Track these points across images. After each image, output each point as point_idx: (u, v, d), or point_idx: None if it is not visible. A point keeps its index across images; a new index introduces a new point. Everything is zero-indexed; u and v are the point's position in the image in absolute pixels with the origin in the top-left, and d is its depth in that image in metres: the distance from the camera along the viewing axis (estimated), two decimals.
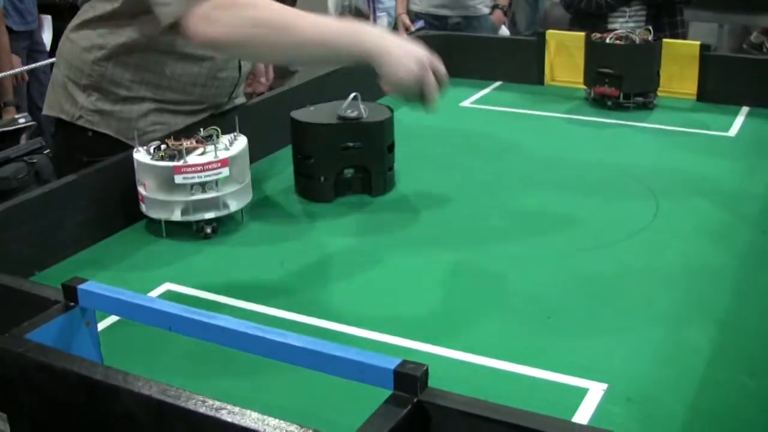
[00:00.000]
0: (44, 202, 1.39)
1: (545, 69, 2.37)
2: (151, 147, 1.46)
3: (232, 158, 1.45)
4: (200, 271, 1.37)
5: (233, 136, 1.50)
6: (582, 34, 2.27)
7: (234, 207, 1.48)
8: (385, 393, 0.77)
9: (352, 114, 1.61)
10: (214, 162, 1.43)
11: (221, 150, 1.45)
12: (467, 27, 4.03)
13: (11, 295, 1.00)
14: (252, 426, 0.71)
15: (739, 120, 2.06)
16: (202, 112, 1.72)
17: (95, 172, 1.48)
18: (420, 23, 4.08)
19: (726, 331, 1.17)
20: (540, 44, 2.37)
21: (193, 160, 1.42)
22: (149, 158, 1.44)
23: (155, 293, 1.30)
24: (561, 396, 1.03)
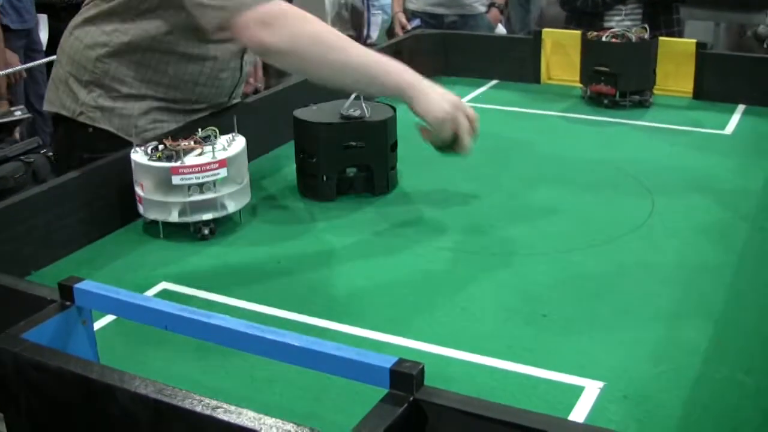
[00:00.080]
0: (41, 202, 1.39)
1: (541, 67, 2.37)
2: (149, 147, 1.45)
3: (230, 159, 1.44)
4: (197, 271, 1.37)
5: (231, 137, 1.49)
6: (578, 33, 2.27)
7: (232, 208, 1.47)
8: (382, 391, 0.77)
9: (355, 113, 1.61)
10: (212, 163, 1.42)
11: (219, 151, 1.44)
12: (463, 25, 4.02)
13: (7, 295, 1.00)
14: (248, 425, 0.71)
15: (736, 118, 2.06)
16: (202, 111, 1.72)
17: (92, 172, 1.48)
18: (416, 22, 4.08)
19: (722, 329, 1.17)
20: (536, 43, 2.37)
21: (191, 161, 1.42)
22: (147, 159, 1.43)
23: (151, 292, 1.30)
24: (557, 394, 1.03)
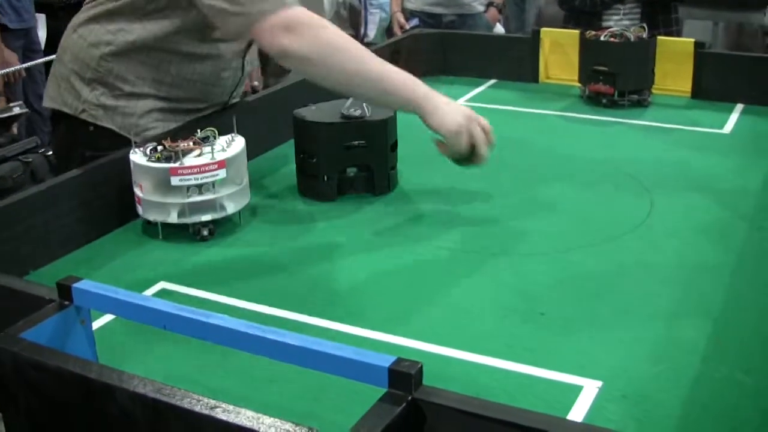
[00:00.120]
0: (39, 202, 1.38)
1: (540, 67, 2.37)
2: (148, 148, 1.45)
3: (230, 160, 1.44)
4: (196, 270, 1.37)
5: (231, 137, 1.49)
6: (576, 32, 2.27)
7: (231, 209, 1.47)
8: (380, 391, 0.77)
9: (356, 113, 1.61)
10: (211, 164, 1.42)
11: (218, 151, 1.44)
12: (462, 25, 4.02)
13: (6, 294, 1.00)
14: (247, 424, 0.71)
15: (734, 117, 2.06)
16: (203, 111, 1.72)
17: (90, 171, 1.48)
18: (414, 21, 4.07)
19: (721, 328, 1.17)
20: (535, 42, 2.37)
21: (190, 162, 1.41)
22: (145, 160, 1.43)
23: (150, 292, 1.30)
24: (556, 393, 1.03)
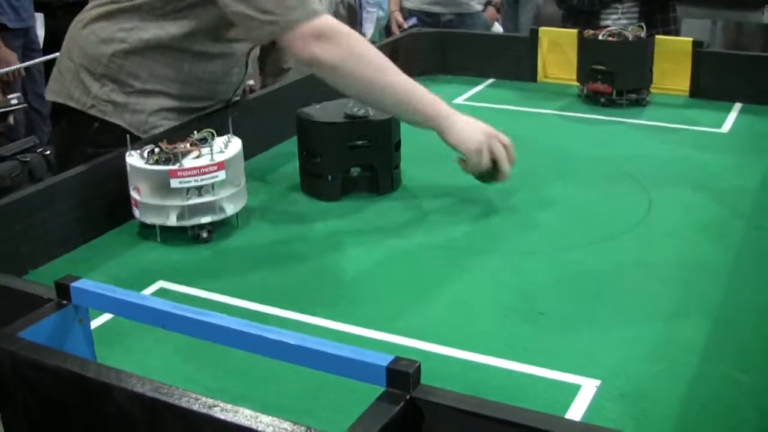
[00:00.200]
0: (37, 201, 1.38)
1: (538, 66, 2.37)
2: (145, 151, 1.44)
3: (228, 161, 1.43)
4: (194, 269, 1.37)
5: (227, 138, 1.48)
6: (575, 31, 2.27)
7: (230, 211, 1.47)
8: (379, 390, 0.77)
9: (359, 112, 1.61)
10: (211, 165, 1.41)
11: (217, 153, 1.43)
12: (460, 24, 4.02)
13: (4, 294, 1.00)
14: (245, 423, 0.71)
15: (732, 116, 2.07)
16: (208, 108, 1.73)
17: (89, 171, 1.47)
18: (413, 20, 4.08)
19: (720, 327, 1.17)
20: (533, 41, 2.37)
21: (189, 164, 1.41)
22: (143, 162, 1.42)
23: (148, 291, 1.30)
24: (554, 392, 1.04)
